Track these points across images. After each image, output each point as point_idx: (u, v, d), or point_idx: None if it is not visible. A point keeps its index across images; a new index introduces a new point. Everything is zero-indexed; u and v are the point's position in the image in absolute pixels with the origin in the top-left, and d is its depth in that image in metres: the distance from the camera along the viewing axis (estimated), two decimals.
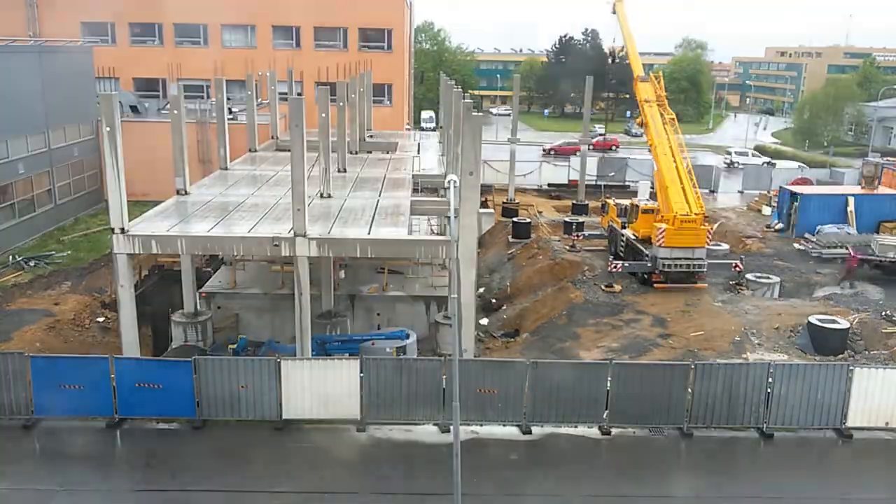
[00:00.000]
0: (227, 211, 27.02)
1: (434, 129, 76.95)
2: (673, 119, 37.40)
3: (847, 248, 36.83)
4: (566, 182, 58.61)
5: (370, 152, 43.11)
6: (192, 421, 21.45)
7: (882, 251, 36.06)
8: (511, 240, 43.65)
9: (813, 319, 27.77)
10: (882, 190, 46.31)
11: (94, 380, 21.13)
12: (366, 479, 19.39)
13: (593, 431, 21.73)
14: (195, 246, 24.59)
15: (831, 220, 42.33)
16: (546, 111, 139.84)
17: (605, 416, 21.78)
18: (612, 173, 59.68)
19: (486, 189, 48.92)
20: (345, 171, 34.89)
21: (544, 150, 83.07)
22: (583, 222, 44.23)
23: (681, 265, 33.21)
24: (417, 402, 21.63)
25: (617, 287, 33.49)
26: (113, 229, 23.03)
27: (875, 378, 21.73)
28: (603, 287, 33.51)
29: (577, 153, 56.38)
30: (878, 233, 41.06)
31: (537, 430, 21.68)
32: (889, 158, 66.39)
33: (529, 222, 45.12)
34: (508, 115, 74.16)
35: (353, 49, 58.75)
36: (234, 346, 26.45)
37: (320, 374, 21.50)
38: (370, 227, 25.20)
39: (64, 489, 18.54)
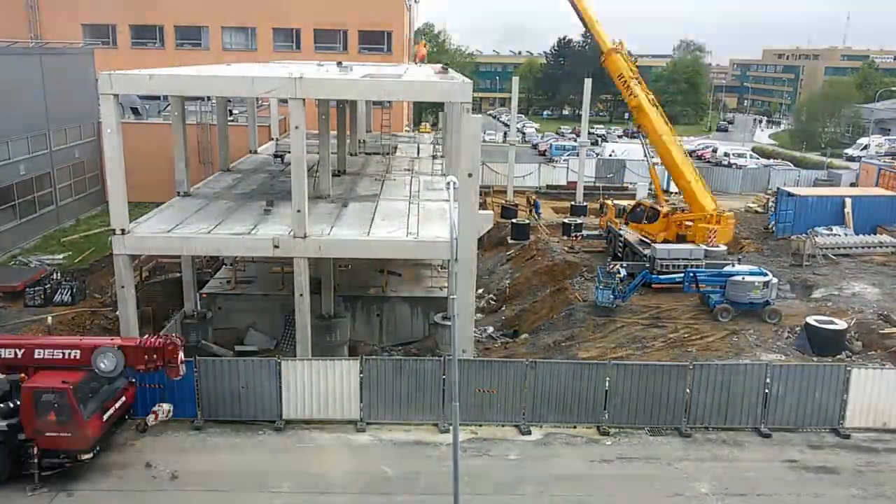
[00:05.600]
0: (227, 212, 27.13)
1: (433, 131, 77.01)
2: (656, 102, 38.89)
3: None
4: (564, 183, 58.84)
5: (369, 154, 43.22)
6: (192, 421, 21.57)
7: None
8: (510, 241, 43.79)
9: (811, 320, 27.89)
10: (879, 191, 46.41)
11: None
12: (365, 479, 19.47)
13: (592, 432, 21.86)
14: (195, 247, 24.68)
15: (828, 221, 42.39)
16: (545, 112, 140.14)
17: (603, 416, 21.93)
18: (611, 175, 59.84)
19: (484, 190, 49.12)
20: (344, 172, 35.02)
21: (538, 150, 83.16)
22: (581, 223, 44.37)
23: (679, 265, 33.34)
24: (417, 402, 21.77)
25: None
26: (114, 230, 23.15)
27: (872, 378, 21.89)
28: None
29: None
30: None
31: (536, 431, 21.79)
32: (886, 159, 66.62)
33: (528, 223, 45.26)
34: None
35: (353, 51, 58.89)
36: None
37: (320, 374, 21.64)
38: (369, 228, 25.31)
39: (63, 490, 18.62)
